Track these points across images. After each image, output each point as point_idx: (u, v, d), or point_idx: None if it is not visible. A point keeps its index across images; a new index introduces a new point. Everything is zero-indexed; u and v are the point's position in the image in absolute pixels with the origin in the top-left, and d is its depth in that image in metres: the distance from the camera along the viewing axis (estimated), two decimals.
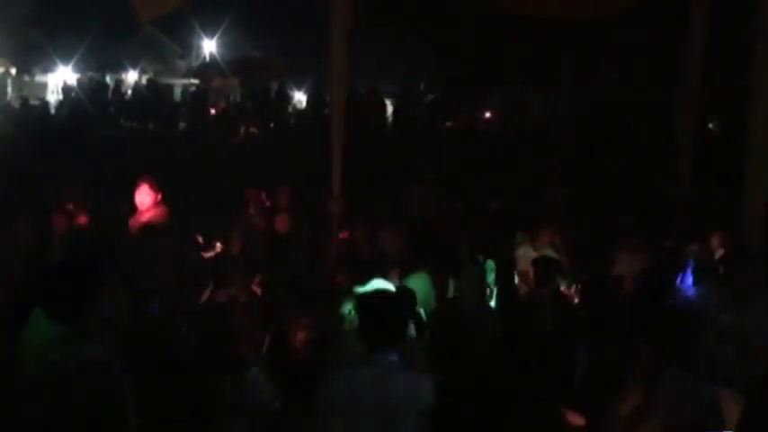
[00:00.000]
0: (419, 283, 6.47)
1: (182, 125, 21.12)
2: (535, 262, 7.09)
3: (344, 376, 3.90)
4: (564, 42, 12.13)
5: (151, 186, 7.67)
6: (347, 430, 3.80)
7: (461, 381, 5.30)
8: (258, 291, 6.91)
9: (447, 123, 20.68)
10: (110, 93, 23.21)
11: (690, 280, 6.82)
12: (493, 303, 7.06)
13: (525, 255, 7.84)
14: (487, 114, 23.32)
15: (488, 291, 7.03)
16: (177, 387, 4.62)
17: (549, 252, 7.85)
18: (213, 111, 22.76)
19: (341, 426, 3.81)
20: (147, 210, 7.64)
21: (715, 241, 7.87)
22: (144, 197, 7.66)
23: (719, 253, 7.55)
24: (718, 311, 5.39)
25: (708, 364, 5.07)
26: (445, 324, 5.98)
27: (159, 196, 7.70)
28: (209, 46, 32.35)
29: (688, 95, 9.43)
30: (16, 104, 22.50)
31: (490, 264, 7.47)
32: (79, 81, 24.61)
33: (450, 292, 6.73)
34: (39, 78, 28.85)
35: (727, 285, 5.69)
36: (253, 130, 20.63)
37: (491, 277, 7.37)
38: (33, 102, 22.99)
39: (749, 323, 5.16)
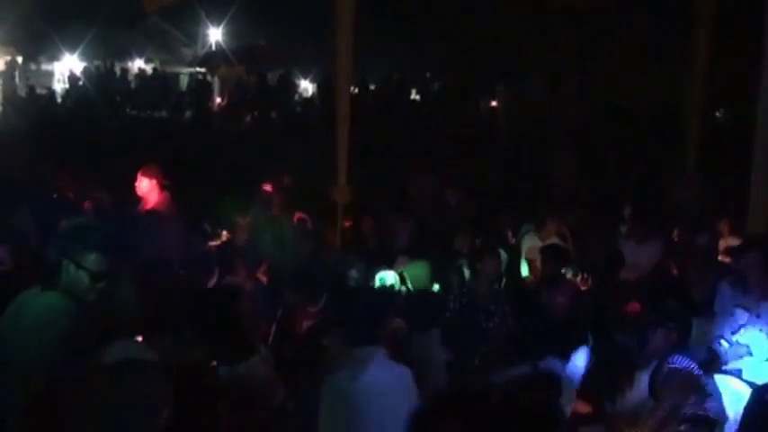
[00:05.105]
0: (418, 272, 6.60)
1: (188, 113, 21.11)
2: (543, 251, 7.07)
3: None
4: (569, 30, 12.07)
5: (148, 174, 7.47)
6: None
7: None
8: (264, 279, 6.91)
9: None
10: (116, 81, 23.22)
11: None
12: None
13: (532, 244, 7.81)
14: (493, 102, 23.21)
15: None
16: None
17: (556, 241, 7.82)
18: (219, 99, 22.73)
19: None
20: (149, 197, 7.47)
21: (723, 229, 7.83)
22: (142, 185, 7.47)
23: (728, 241, 7.51)
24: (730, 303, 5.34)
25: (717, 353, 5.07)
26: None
27: (159, 183, 7.48)
28: (214, 34, 32.17)
29: (694, 83, 9.38)
30: (23, 93, 22.51)
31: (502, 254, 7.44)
32: (85, 70, 24.59)
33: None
34: (45, 67, 28.74)
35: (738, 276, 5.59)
36: (258, 117, 20.61)
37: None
38: (40, 90, 22.99)
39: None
